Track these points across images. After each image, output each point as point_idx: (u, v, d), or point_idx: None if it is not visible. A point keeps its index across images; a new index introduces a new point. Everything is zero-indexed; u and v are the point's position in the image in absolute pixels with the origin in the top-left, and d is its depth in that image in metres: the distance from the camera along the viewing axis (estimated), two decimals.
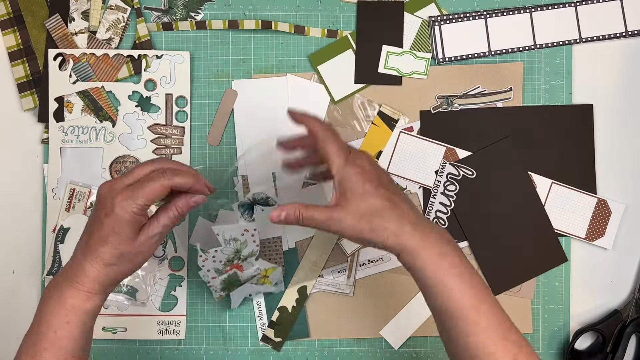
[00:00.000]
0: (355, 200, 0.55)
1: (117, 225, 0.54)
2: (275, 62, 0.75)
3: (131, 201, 0.54)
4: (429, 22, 0.75)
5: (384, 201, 0.55)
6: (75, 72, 0.74)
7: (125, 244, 0.55)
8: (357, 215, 0.54)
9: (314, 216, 0.56)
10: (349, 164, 0.56)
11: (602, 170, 0.75)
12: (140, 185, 0.55)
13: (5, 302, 0.76)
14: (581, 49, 0.76)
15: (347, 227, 0.55)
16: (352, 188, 0.55)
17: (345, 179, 0.55)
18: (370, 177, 0.56)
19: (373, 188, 0.55)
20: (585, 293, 0.76)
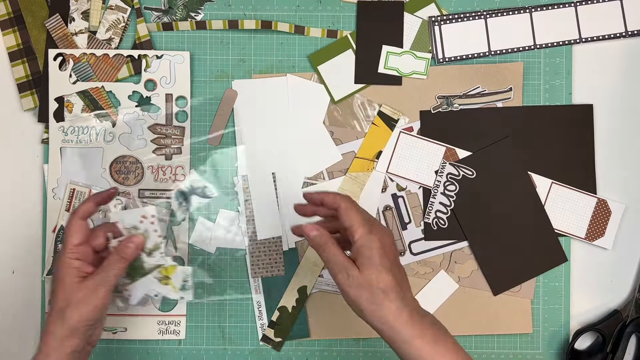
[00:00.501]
0: (369, 269, 0.56)
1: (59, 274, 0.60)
2: (275, 62, 0.75)
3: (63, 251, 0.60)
4: (429, 22, 0.75)
5: (393, 281, 0.56)
6: (75, 72, 0.74)
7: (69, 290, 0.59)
8: (365, 282, 0.56)
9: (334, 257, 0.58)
10: (372, 235, 0.57)
11: (602, 170, 0.75)
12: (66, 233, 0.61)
13: (5, 302, 0.76)
14: (581, 49, 0.76)
15: (352, 288, 0.57)
16: (370, 257, 0.57)
17: (366, 247, 0.57)
18: (389, 254, 0.58)
19: (388, 265, 0.57)
20: (585, 293, 0.76)
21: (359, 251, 0.57)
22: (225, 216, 0.75)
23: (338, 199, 0.60)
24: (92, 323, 0.59)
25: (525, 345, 0.75)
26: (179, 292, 0.67)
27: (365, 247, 0.57)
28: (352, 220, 0.58)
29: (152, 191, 0.74)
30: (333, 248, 0.58)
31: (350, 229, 0.58)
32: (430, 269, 0.75)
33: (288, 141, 0.75)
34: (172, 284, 0.66)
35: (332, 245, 0.58)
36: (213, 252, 0.75)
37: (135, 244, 0.62)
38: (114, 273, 0.60)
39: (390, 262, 0.57)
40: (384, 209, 0.75)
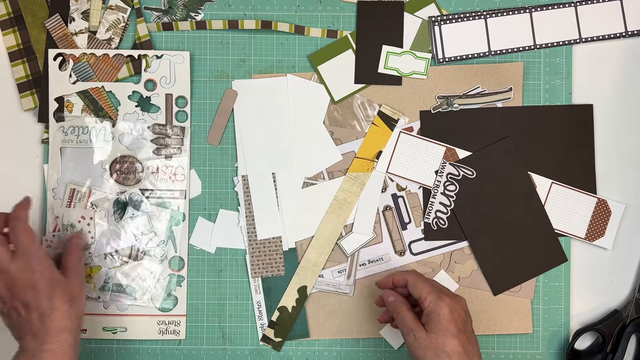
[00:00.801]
0: (436, 332, 0.61)
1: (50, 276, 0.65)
2: (275, 62, 0.75)
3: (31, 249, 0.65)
4: (429, 22, 0.75)
5: (459, 346, 0.60)
6: (75, 72, 0.74)
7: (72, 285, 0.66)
8: (431, 345, 0.61)
9: (405, 320, 0.63)
10: (442, 301, 0.62)
11: (602, 170, 0.75)
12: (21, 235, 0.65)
13: None
14: (581, 49, 0.76)
15: (418, 348, 0.61)
16: (438, 321, 0.61)
17: (434, 312, 0.62)
18: (457, 319, 0.62)
19: (455, 330, 0.61)
20: (585, 293, 0.76)
21: (429, 316, 0.62)
22: (225, 216, 0.75)
23: (405, 275, 0.66)
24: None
25: (525, 345, 0.75)
26: (98, 291, 0.73)
27: (434, 312, 0.62)
28: (421, 291, 0.64)
29: (152, 191, 0.74)
30: (404, 311, 0.64)
31: (420, 299, 0.64)
32: (430, 269, 0.75)
33: (288, 141, 0.75)
34: (93, 283, 0.73)
35: (404, 309, 0.64)
36: (213, 252, 0.75)
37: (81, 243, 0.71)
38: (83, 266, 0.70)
39: (458, 328, 0.61)
40: (384, 209, 0.75)
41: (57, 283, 0.64)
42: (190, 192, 0.75)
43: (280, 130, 0.75)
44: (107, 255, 0.74)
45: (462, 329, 0.62)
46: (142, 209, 0.74)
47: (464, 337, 0.61)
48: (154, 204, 0.74)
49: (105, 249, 0.74)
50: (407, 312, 0.64)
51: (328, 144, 0.75)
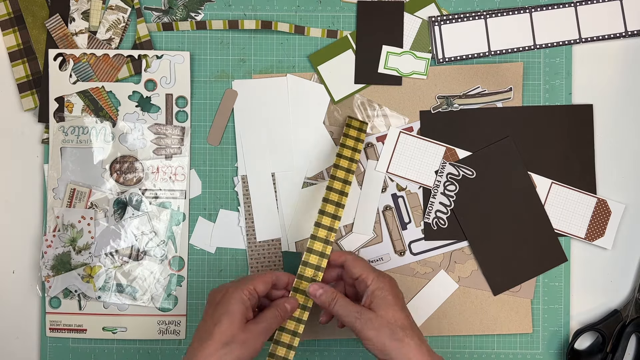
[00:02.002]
0: (385, 309, 0.61)
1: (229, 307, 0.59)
2: (275, 62, 0.75)
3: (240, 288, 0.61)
4: (429, 22, 0.75)
5: (408, 318, 0.61)
6: (75, 72, 0.74)
7: (237, 325, 0.58)
8: (384, 322, 0.60)
9: (347, 307, 0.61)
10: (383, 277, 0.63)
11: (602, 170, 0.75)
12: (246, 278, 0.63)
13: (6, 302, 0.76)
14: (581, 49, 0.76)
15: (371, 330, 0.60)
16: (384, 297, 0.61)
17: (379, 288, 0.62)
18: (399, 294, 0.63)
19: (401, 304, 0.62)
20: (585, 293, 0.76)
21: (374, 294, 0.61)
22: (225, 216, 0.75)
23: (343, 254, 0.66)
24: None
25: (525, 345, 0.75)
26: (98, 291, 0.73)
27: (379, 289, 0.61)
28: (362, 268, 0.63)
29: (152, 191, 0.74)
30: (342, 300, 0.62)
31: (360, 277, 0.63)
32: (430, 269, 0.75)
33: (288, 141, 0.75)
34: (93, 282, 0.73)
35: (341, 297, 0.62)
36: (213, 252, 0.75)
37: (292, 306, 0.64)
38: (274, 326, 0.62)
39: (402, 303, 0.62)
40: (384, 209, 0.75)
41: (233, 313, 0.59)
42: (190, 192, 0.75)
43: (280, 130, 0.75)
44: (107, 255, 0.74)
45: (403, 305, 0.62)
46: (142, 209, 0.74)
47: (407, 313, 0.62)
48: (154, 204, 0.74)
49: (105, 249, 0.74)
50: (347, 300, 0.62)
51: (328, 144, 0.75)
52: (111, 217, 0.74)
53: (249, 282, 0.62)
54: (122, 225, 0.74)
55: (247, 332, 0.59)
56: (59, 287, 0.74)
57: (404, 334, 0.59)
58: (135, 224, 0.74)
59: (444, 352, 0.75)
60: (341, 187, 0.69)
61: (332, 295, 0.63)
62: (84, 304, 0.74)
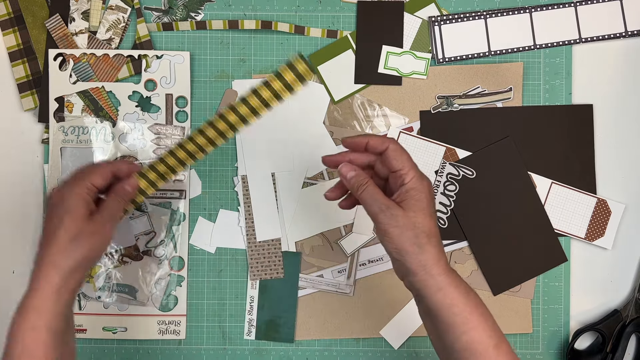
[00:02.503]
0: (415, 211, 0.55)
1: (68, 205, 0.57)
2: (275, 62, 0.75)
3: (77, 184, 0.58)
4: (429, 22, 0.75)
5: (436, 228, 0.56)
6: (75, 72, 0.74)
7: (80, 221, 0.56)
8: (410, 223, 0.55)
9: (376, 196, 0.56)
10: (424, 179, 0.57)
11: (602, 170, 0.75)
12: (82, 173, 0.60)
13: (6, 302, 0.75)
14: (581, 49, 0.76)
15: (396, 227, 0.55)
16: (420, 199, 0.55)
17: (417, 189, 0.56)
18: (432, 202, 0.57)
19: (434, 212, 0.56)
20: (585, 293, 0.76)
21: (409, 193, 0.56)
22: (225, 216, 0.75)
23: (386, 141, 0.58)
24: (95, 258, 0.58)
25: (525, 345, 0.75)
26: (98, 291, 0.73)
27: (416, 190, 0.55)
28: (404, 162, 0.56)
29: None
30: (373, 188, 0.57)
31: (401, 171, 0.56)
32: None
33: (288, 141, 0.75)
34: (93, 282, 0.73)
35: (372, 185, 0.57)
36: (213, 252, 0.75)
37: (131, 186, 0.62)
38: (118, 211, 0.60)
39: (433, 211, 0.56)
40: None
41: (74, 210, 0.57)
42: (190, 192, 0.75)
43: (280, 130, 0.75)
44: (107, 255, 0.74)
45: (435, 213, 0.57)
46: (142, 209, 0.74)
47: (435, 222, 0.56)
48: (154, 204, 0.74)
49: None
50: (378, 190, 0.57)
51: (328, 144, 0.75)
52: None
53: (85, 177, 0.59)
54: (122, 225, 0.74)
55: (93, 222, 0.57)
56: None
57: (427, 241, 0.55)
58: (135, 224, 0.74)
59: None
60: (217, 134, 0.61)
61: (363, 179, 0.57)
62: (84, 304, 0.74)
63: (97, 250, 0.57)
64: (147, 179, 0.63)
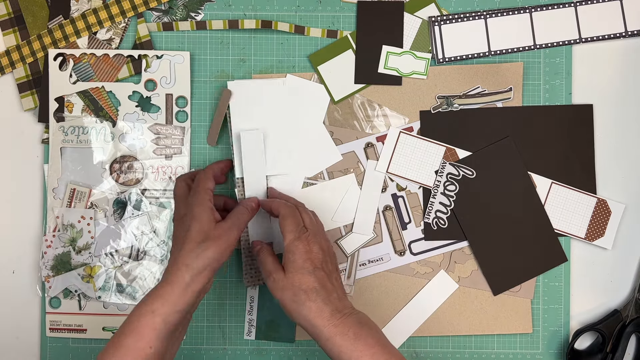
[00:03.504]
0: (292, 272, 0.62)
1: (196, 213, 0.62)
2: (275, 62, 0.75)
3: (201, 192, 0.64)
4: (429, 22, 0.75)
5: (315, 282, 0.61)
6: (75, 72, 0.74)
7: (207, 227, 0.61)
8: (288, 285, 0.61)
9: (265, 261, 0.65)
10: (299, 241, 0.63)
11: (602, 170, 0.75)
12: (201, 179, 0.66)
13: (6, 302, 0.76)
14: (581, 49, 0.76)
15: (277, 290, 0.62)
16: (293, 261, 0.62)
17: (291, 252, 0.62)
18: (314, 258, 0.62)
19: (311, 268, 0.62)
20: (585, 293, 0.76)
21: (287, 256, 0.63)
22: None
23: (280, 207, 0.65)
24: (222, 263, 0.61)
25: (525, 345, 0.75)
26: (98, 291, 0.74)
27: (290, 252, 0.62)
28: (285, 228, 0.64)
29: (152, 191, 0.74)
30: (264, 255, 0.65)
31: (283, 234, 0.64)
32: (430, 269, 0.75)
33: (288, 141, 0.75)
34: (93, 282, 0.73)
35: (265, 253, 0.65)
36: None
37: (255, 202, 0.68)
38: (244, 220, 0.65)
39: (314, 266, 0.62)
40: (384, 209, 0.75)
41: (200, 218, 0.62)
42: None
43: (280, 130, 0.75)
44: (107, 255, 0.74)
45: (320, 266, 0.62)
46: (142, 208, 0.74)
47: (321, 274, 0.62)
48: (154, 204, 0.74)
49: (105, 249, 0.74)
50: (268, 257, 0.65)
51: (328, 144, 0.75)
52: (111, 217, 0.74)
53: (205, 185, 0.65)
54: (122, 225, 0.74)
55: (218, 228, 0.61)
56: (59, 287, 0.74)
57: (306, 297, 0.60)
58: (135, 224, 0.74)
59: (444, 352, 0.75)
60: None
61: (261, 252, 0.66)
62: (84, 304, 0.74)
63: (222, 253, 0.61)
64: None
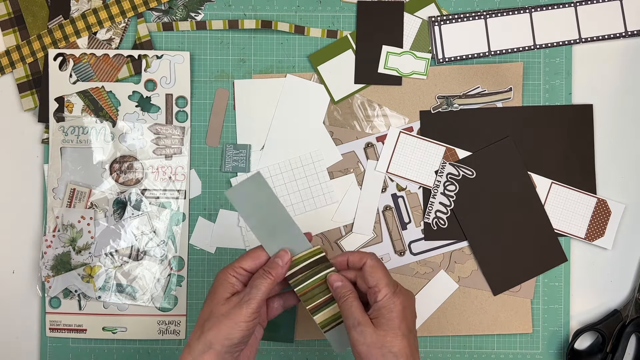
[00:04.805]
0: (386, 330, 0.56)
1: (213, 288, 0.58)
2: (275, 62, 0.75)
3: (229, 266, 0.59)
4: (429, 22, 0.75)
5: (407, 348, 0.56)
6: (75, 72, 0.74)
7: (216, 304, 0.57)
8: (379, 342, 0.55)
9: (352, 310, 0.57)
10: (397, 297, 0.57)
11: (602, 170, 0.75)
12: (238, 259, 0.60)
13: (6, 302, 0.76)
14: (581, 49, 0.76)
15: (363, 344, 0.55)
16: (390, 319, 0.56)
17: (387, 308, 0.56)
18: (408, 319, 0.57)
19: (406, 331, 0.56)
20: (585, 293, 0.76)
21: (380, 311, 0.56)
22: (225, 216, 0.75)
23: (364, 256, 0.59)
24: (231, 342, 0.56)
25: (525, 345, 0.75)
26: (98, 291, 0.73)
27: (387, 308, 0.56)
28: (378, 279, 0.57)
29: (152, 191, 0.74)
30: (353, 300, 0.58)
31: (374, 288, 0.57)
32: (430, 269, 0.75)
33: (288, 141, 0.75)
34: (93, 282, 0.73)
35: (353, 298, 0.58)
36: (213, 252, 0.75)
37: (282, 260, 0.59)
38: (262, 290, 0.57)
39: (408, 328, 0.57)
40: (384, 209, 0.75)
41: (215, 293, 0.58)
42: (190, 192, 0.75)
43: (280, 130, 0.75)
44: (107, 255, 0.74)
45: (411, 330, 0.57)
46: (142, 209, 0.74)
47: (412, 338, 0.57)
48: (154, 204, 0.74)
49: (105, 249, 0.74)
50: (356, 302, 0.57)
51: (328, 144, 0.75)
52: (111, 217, 0.74)
53: (238, 261, 0.59)
54: (122, 225, 0.74)
55: (227, 303, 0.56)
56: (59, 287, 0.74)
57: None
58: (135, 224, 0.74)
59: (444, 352, 0.75)
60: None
61: (347, 292, 0.58)
62: (84, 304, 0.74)
63: (228, 333, 0.55)
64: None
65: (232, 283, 0.58)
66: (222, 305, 0.57)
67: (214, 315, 0.56)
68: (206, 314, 0.57)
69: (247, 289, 0.57)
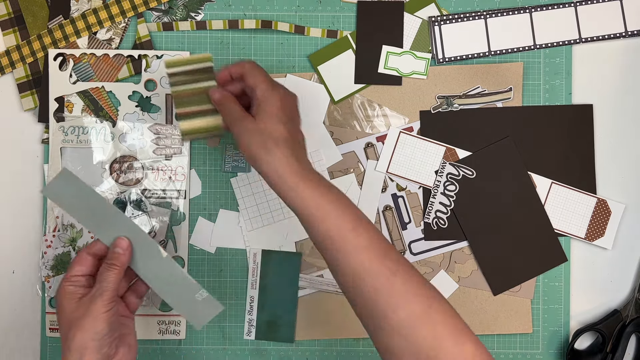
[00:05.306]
0: (265, 119, 0.59)
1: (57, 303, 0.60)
2: (275, 62, 0.75)
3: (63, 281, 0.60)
4: (429, 22, 0.75)
5: (286, 132, 0.59)
6: (75, 72, 0.74)
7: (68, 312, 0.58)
8: (258, 130, 0.58)
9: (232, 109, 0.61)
10: (274, 90, 0.60)
11: (602, 170, 0.75)
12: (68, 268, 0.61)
13: (6, 302, 0.76)
14: (581, 49, 0.76)
15: (244, 135, 0.59)
16: (267, 110, 0.59)
17: (266, 101, 0.60)
18: (286, 110, 0.60)
19: (285, 118, 0.59)
20: (585, 293, 0.76)
21: (260, 106, 0.60)
22: (225, 216, 0.75)
23: (242, 63, 0.62)
24: (100, 336, 0.57)
25: (525, 345, 0.75)
26: None
27: (265, 102, 0.59)
28: (256, 78, 0.61)
29: (152, 191, 0.74)
30: (231, 104, 0.61)
31: (253, 86, 0.60)
32: (430, 269, 0.75)
33: None
34: None
35: (231, 101, 0.61)
36: (213, 252, 0.75)
37: (121, 247, 0.61)
38: (110, 281, 0.59)
39: (287, 117, 0.60)
40: (384, 209, 0.75)
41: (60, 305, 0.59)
42: (190, 192, 0.75)
43: None
44: None
45: (291, 119, 0.60)
46: (142, 208, 0.74)
47: (291, 126, 0.60)
48: (154, 204, 0.74)
49: None
50: (236, 105, 0.61)
51: (328, 144, 0.75)
52: None
53: (67, 272, 0.61)
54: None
55: (79, 307, 0.58)
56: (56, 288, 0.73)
57: (275, 145, 0.58)
58: None
59: None
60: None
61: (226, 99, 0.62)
62: None
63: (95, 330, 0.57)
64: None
65: (72, 292, 0.59)
66: (75, 310, 0.58)
67: (72, 323, 0.57)
68: (65, 327, 0.58)
69: (95, 286, 0.59)
